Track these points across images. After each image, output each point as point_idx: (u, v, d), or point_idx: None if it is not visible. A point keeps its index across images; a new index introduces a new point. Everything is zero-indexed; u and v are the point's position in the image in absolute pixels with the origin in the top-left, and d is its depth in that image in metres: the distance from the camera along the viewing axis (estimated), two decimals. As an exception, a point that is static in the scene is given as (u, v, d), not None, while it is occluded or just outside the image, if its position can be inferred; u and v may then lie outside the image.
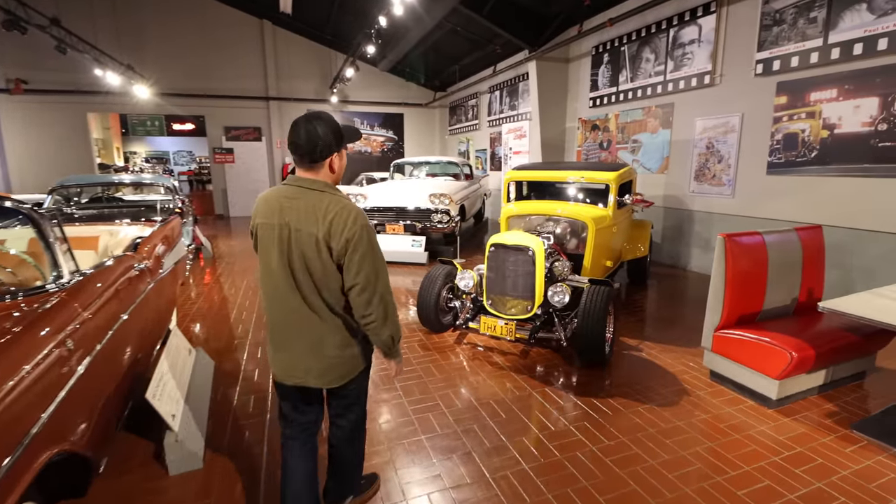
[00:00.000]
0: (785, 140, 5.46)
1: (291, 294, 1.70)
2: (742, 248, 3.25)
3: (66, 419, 1.72)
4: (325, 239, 1.61)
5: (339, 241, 1.60)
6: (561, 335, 3.67)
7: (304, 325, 1.72)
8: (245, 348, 4.04)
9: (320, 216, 1.61)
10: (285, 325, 1.75)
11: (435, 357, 3.81)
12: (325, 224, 1.60)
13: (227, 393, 3.21)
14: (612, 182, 4.64)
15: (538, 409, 3.01)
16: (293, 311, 1.72)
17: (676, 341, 4.15)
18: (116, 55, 11.15)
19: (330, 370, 1.77)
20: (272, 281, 1.72)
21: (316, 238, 1.61)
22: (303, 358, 1.76)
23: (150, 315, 3.06)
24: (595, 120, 8.54)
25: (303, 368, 1.77)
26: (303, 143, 1.62)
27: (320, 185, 1.67)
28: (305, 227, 1.63)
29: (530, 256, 3.71)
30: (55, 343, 1.76)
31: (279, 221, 1.66)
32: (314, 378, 1.78)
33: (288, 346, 1.77)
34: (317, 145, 1.62)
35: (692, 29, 6.46)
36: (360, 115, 15.13)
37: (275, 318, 1.78)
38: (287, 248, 1.66)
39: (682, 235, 6.89)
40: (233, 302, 5.41)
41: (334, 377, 1.79)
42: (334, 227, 1.60)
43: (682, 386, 3.34)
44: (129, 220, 6.10)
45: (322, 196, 1.65)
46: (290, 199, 1.67)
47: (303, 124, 1.63)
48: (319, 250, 1.63)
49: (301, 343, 1.74)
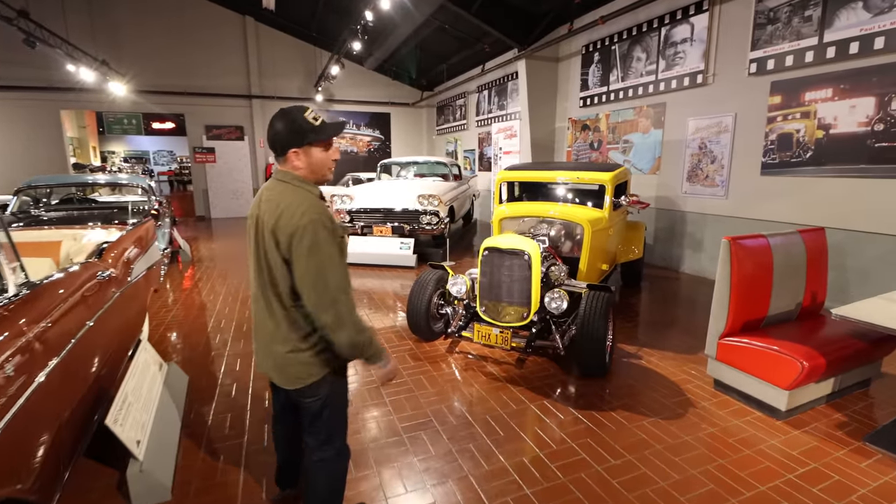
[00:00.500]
0: (779, 140, 5.38)
1: (258, 287, 1.71)
2: (747, 252, 3.11)
3: (1, 460, 1.48)
4: (274, 231, 1.58)
5: (285, 234, 1.55)
6: (558, 343, 3.49)
7: (263, 318, 1.71)
8: (223, 360, 3.78)
9: (274, 207, 1.60)
10: (255, 316, 1.78)
11: (426, 368, 3.60)
12: (275, 216, 1.58)
13: (202, 412, 2.96)
14: (608, 183, 4.49)
15: (537, 424, 2.82)
16: (258, 303, 1.73)
17: (676, 348, 4.01)
18: (90, 50, 10.72)
19: (282, 369, 1.71)
20: (251, 270, 1.74)
21: (270, 229, 1.59)
22: (262, 352, 1.77)
23: (115, 328, 2.81)
24: (585, 120, 8.42)
25: (265, 363, 1.77)
26: (269, 138, 1.66)
27: (288, 178, 1.66)
28: (266, 218, 1.61)
29: (526, 261, 3.53)
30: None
31: (256, 213, 1.68)
32: (273, 373, 1.76)
33: (256, 337, 1.80)
34: (274, 140, 1.64)
35: (684, 28, 6.36)
36: (346, 114, 14.84)
37: (252, 306, 1.80)
38: (256, 238, 1.68)
39: (675, 237, 6.79)
40: (211, 309, 5.13)
41: (288, 378, 1.71)
42: (282, 220, 1.56)
43: (686, 396, 3.19)
44: (100, 222, 5.79)
45: (286, 188, 1.64)
46: (268, 191, 1.69)
47: (272, 119, 1.66)
48: (272, 242, 1.59)
49: (261, 337, 1.75)
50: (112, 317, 2.76)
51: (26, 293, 1.95)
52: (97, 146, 20.56)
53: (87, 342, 2.27)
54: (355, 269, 7.02)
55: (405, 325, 4.55)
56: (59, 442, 1.89)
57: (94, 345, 2.39)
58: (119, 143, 28.35)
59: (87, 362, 2.27)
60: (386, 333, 4.36)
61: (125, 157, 27.74)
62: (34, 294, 1.99)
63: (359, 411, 2.97)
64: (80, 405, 2.13)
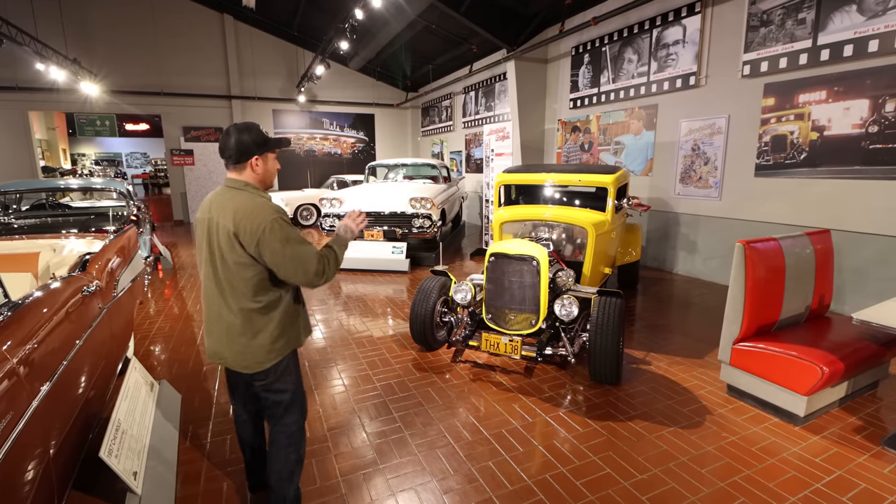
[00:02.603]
0: (773, 142, 5.42)
1: (212, 283, 1.88)
2: (760, 255, 3.07)
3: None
4: (235, 233, 1.76)
5: (248, 236, 1.74)
6: (569, 351, 3.40)
7: (220, 311, 1.87)
8: (216, 375, 3.58)
9: (232, 212, 1.78)
10: (209, 310, 1.93)
11: (433, 379, 3.47)
12: (234, 220, 1.76)
13: (199, 434, 2.76)
14: (610, 185, 4.43)
15: (556, 437, 2.72)
16: (213, 298, 1.89)
17: (683, 352, 3.96)
18: (61, 48, 10.24)
19: (244, 356, 1.88)
20: (202, 270, 1.92)
21: (228, 232, 1.78)
22: (220, 343, 1.90)
23: (103, 347, 2.59)
24: (576, 121, 8.40)
25: (223, 352, 1.91)
26: (226, 148, 1.85)
27: (240, 185, 1.87)
28: (223, 221, 1.80)
29: (535, 267, 3.43)
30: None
31: (208, 216, 1.86)
32: (231, 362, 1.91)
33: (210, 330, 1.94)
34: (238, 148, 1.83)
35: (676, 29, 6.38)
36: (330, 115, 14.58)
37: (204, 302, 1.96)
38: (209, 239, 1.85)
39: (668, 238, 6.81)
40: (198, 320, 4.89)
41: (248, 364, 1.89)
42: (244, 223, 1.75)
43: (701, 403, 3.13)
44: (77, 230, 5.48)
45: (239, 193, 1.84)
46: (218, 196, 1.88)
47: (227, 133, 1.85)
48: (232, 244, 1.78)
49: (218, 329, 1.90)
50: (99, 334, 2.55)
51: (8, 315, 1.75)
52: (67, 148, 19.77)
53: (75, 364, 2.07)
54: (346, 275, 6.83)
55: (404, 333, 4.40)
56: (50, 476, 1.69)
57: (81, 366, 2.19)
58: (90, 146, 27.36)
59: (75, 386, 2.07)
60: (386, 342, 4.20)
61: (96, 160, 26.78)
62: (17, 315, 1.79)
63: (367, 428, 2.82)
64: (70, 434, 1.93)
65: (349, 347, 4.10)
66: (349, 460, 2.52)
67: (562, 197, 5.39)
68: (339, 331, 4.53)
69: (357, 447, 2.64)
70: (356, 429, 2.82)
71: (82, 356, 2.21)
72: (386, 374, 3.55)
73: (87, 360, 2.29)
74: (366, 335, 4.39)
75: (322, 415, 2.97)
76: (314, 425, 2.85)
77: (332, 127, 14.72)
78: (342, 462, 2.51)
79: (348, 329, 4.58)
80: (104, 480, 2.28)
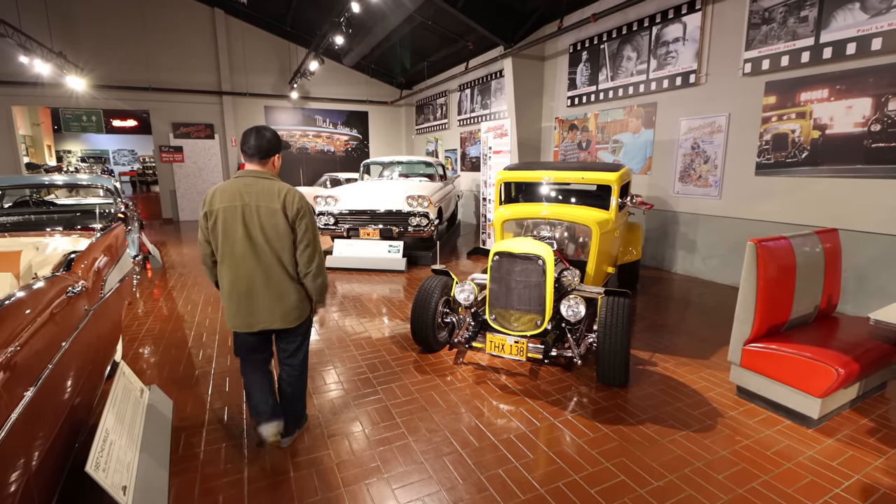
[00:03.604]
0: (774, 140, 5.38)
1: (253, 257, 2.27)
2: (771, 254, 3.00)
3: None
4: (283, 209, 2.25)
5: (293, 209, 2.27)
6: (575, 353, 3.31)
7: (266, 279, 2.30)
8: (209, 379, 3.43)
9: (275, 194, 2.26)
10: (249, 282, 2.29)
11: (435, 382, 3.36)
12: (280, 199, 2.26)
13: (192, 443, 2.63)
14: (614, 183, 4.35)
15: (566, 443, 2.62)
16: (255, 269, 2.28)
17: (689, 352, 3.89)
18: (46, 41, 9.95)
19: (286, 315, 2.37)
20: (237, 249, 2.26)
21: (274, 209, 2.24)
22: (262, 311, 2.33)
23: (89, 350, 2.45)
24: (573, 119, 8.33)
25: (266, 315, 2.34)
26: (255, 144, 2.28)
27: (268, 175, 2.33)
28: (265, 203, 2.24)
29: (540, 266, 3.34)
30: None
31: (241, 203, 2.23)
32: (278, 321, 2.36)
33: (252, 299, 2.31)
34: (267, 146, 2.30)
35: (676, 27, 6.32)
36: (322, 112, 14.39)
37: (239, 278, 2.29)
38: (249, 221, 2.24)
39: (667, 237, 6.76)
40: (190, 321, 4.73)
41: (290, 320, 2.40)
42: (288, 201, 2.27)
43: (712, 406, 3.06)
44: (62, 228, 5.29)
45: (273, 182, 2.31)
46: (248, 186, 2.27)
47: (255, 131, 2.29)
48: (277, 218, 2.25)
49: (265, 294, 2.31)
50: (86, 337, 2.41)
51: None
52: (52, 145, 19.34)
53: (60, 369, 1.93)
54: (342, 274, 6.69)
55: (403, 334, 4.29)
56: (32, 492, 1.56)
57: (67, 372, 2.04)
58: (76, 142, 26.87)
59: (60, 393, 1.93)
60: (385, 344, 4.08)
61: (82, 157, 26.28)
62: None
63: (370, 434, 2.70)
64: (55, 444, 1.80)
65: (347, 349, 3.98)
66: (352, 469, 2.40)
67: (563, 195, 5.30)
68: (337, 332, 4.40)
69: (360, 455, 2.52)
70: (358, 435, 2.70)
71: (68, 361, 2.07)
72: (387, 377, 3.43)
73: (73, 365, 2.15)
74: (364, 336, 4.27)
75: (322, 420, 2.85)
76: (314, 431, 2.73)
77: (325, 124, 14.53)
78: (344, 471, 2.39)
79: (346, 330, 4.45)
80: (91, 495, 2.14)
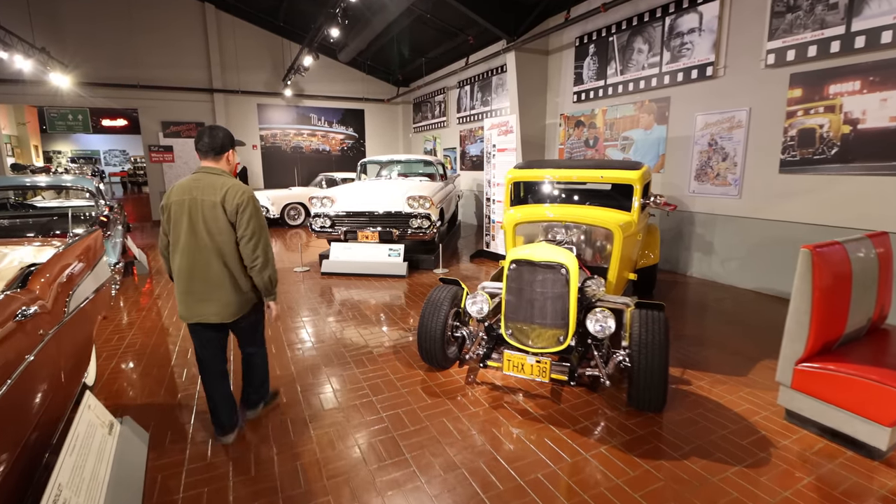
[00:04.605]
0: (800, 136, 5.06)
1: (195, 250, 2.34)
2: (826, 261, 2.66)
3: None
4: (221, 203, 2.32)
5: (232, 204, 2.33)
6: (602, 372, 2.96)
7: (205, 272, 2.36)
8: (193, 403, 3.06)
9: (218, 189, 2.34)
10: (191, 275, 2.37)
11: (447, 407, 3.00)
12: (221, 193, 2.33)
13: (169, 486, 2.26)
14: (636, 182, 4.00)
15: (604, 484, 2.27)
16: (197, 263, 2.35)
17: (722, 368, 3.55)
18: (27, 36, 9.51)
19: (227, 308, 2.42)
20: (181, 242, 2.36)
21: (214, 203, 2.32)
22: (203, 301, 2.39)
23: (47, 382, 2.08)
24: (580, 116, 7.99)
25: (203, 308, 2.40)
26: (208, 142, 2.41)
27: (218, 171, 2.43)
28: (208, 197, 2.33)
29: (563, 275, 2.99)
30: None
31: (188, 196, 2.34)
32: (214, 314, 2.41)
33: (192, 291, 2.38)
34: (221, 143, 2.44)
35: (692, 17, 5.99)
36: (317, 110, 13.99)
37: (183, 270, 2.38)
38: (191, 215, 2.33)
39: (682, 239, 6.43)
40: (174, 333, 4.35)
41: (232, 312, 2.45)
42: (228, 195, 2.34)
43: (760, 433, 2.72)
44: (38, 233, 4.90)
45: (219, 177, 2.40)
46: (197, 181, 2.37)
47: (208, 130, 2.43)
48: (217, 212, 2.32)
49: (203, 287, 2.38)
50: (42, 366, 2.04)
51: None
52: (39, 145, 18.82)
53: (5, 406, 1.56)
54: (339, 280, 6.32)
55: (407, 346, 3.93)
56: None
57: (16, 408, 1.68)
58: (66, 143, 26.35)
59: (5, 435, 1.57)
60: (389, 360, 3.72)
61: (73, 158, 25.74)
62: None
63: (376, 472, 2.34)
64: None
65: (347, 367, 3.61)
66: (356, 520, 2.05)
67: (574, 196, 4.95)
68: (334, 346, 4.03)
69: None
70: (363, 476, 2.34)
71: (15, 396, 1.70)
72: (392, 401, 3.07)
73: (24, 400, 1.79)
74: (365, 352, 3.90)
75: (320, 457, 2.48)
76: (310, 471, 2.37)
77: (320, 123, 14.14)
78: (347, 523, 2.03)
79: (344, 343, 4.09)
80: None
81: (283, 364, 3.67)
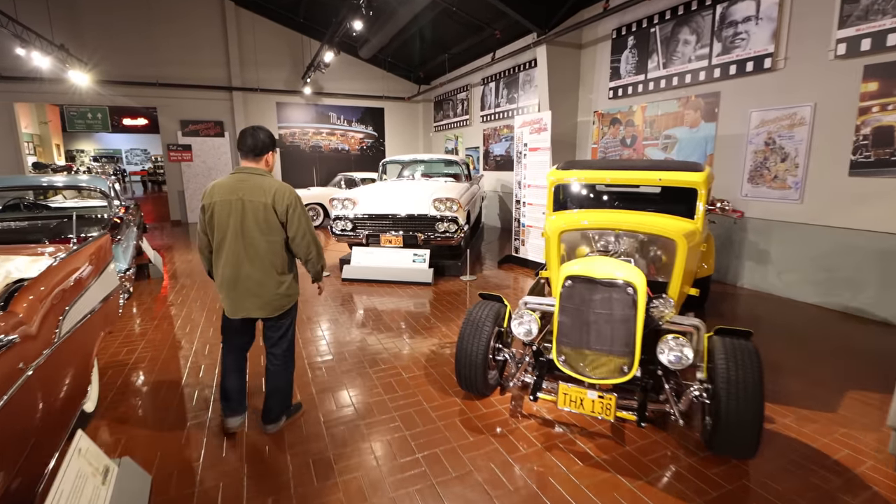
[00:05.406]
0: (875, 135, 4.52)
1: (241, 249, 2.48)
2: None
3: None
4: (272, 204, 2.46)
5: (283, 205, 2.47)
6: (674, 409, 2.52)
7: (251, 270, 2.50)
8: (203, 433, 2.71)
9: (267, 190, 2.46)
10: (237, 273, 2.51)
11: (492, 446, 2.59)
12: (270, 195, 2.46)
13: (171, 550, 1.90)
14: (700, 186, 3.54)
15: (697, 560, 1.84)
16: (242, 260, 2.49)
17: (806, 402, 3.07)
18: (46, 33, 9.37)
19: (270, 304, 2.57)
20: (227, 241, 2.49)
21: (264, 204, 2.45)
22: (246, 298, 2.53)
23: (29, 420, 1.74)
24: (615, 113, 7.50)
25: (248, 304, 2.54)
26: (251, 143, 2.50)
27: (262, 172, 2.54)
28: (258, 199, 2.45)
29: (630, 295, 2.55)
30: None
31: (234, 197, 2.45)
32: (259, 310, 2.56)
33: (237, 288, 2.52)
34: (262, 145, 2.52)
35: (747, 4, 5.47)
36: (336, 108, 13.70)
37: (227, 268, 2.51)
38: (240, 215, 2.45)
39: (732, 246, 5.91)
40: (187, 347, 4.03)
41: (274, 309, 2.59)
42: (277, 196, 2.47)
43: (872, 489, 2.25)
44: (46, 237, 4.64)
45: (264, 178, 2.52)
46: (241, 181, 2.48)
47: (251, 130, 2.51)
48: (267, 212, 2.45)
49: (248, 284, 2.51)
50: (23, 402, 1.70)
51: None
52: (61, 144, 18.94)
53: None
54: (361, 287, 5.96)
55: (439, 366, 3.53)
56: None
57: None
58: (89, 142, 26.66)
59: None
60: (420, 384, 3.33)
61: (95, 156, 26.00)
62: None
63: (415, 537, 1.95)
64: None
65: (374, 392, 3.23)
66: None
67: (620, 201, 4.49)
68: (359, 366, 3.66)
69: (405, 577, 1.77)
70: (399, 538, 1.94)
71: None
72: (429, 437, 2.68)
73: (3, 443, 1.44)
74: (393, 373, 3.52)
75: (348, 511, 2.10)
76: (338, 531, 1.98)
77: (339, 121, 13.84)
78: None
79: (370, 361, 3.71)
80: None
81: (303, 384, 3.31)
